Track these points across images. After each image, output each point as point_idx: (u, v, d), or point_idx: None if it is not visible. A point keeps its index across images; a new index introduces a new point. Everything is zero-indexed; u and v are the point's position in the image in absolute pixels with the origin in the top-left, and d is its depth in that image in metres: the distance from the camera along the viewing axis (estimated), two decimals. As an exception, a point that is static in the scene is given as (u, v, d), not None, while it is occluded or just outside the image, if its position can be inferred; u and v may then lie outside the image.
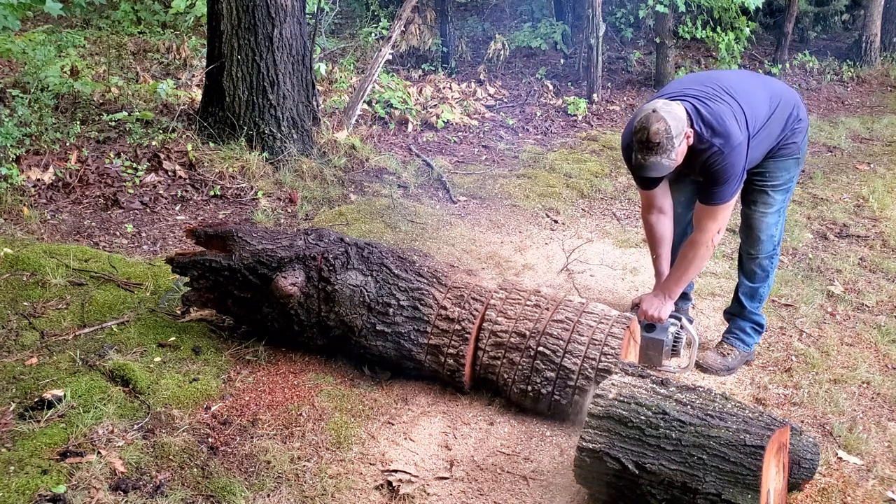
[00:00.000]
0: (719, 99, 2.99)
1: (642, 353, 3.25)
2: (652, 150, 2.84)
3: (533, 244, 4.63)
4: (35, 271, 3.69)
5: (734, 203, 3.07)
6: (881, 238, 4.83)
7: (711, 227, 3.07)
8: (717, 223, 3.06)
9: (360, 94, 6.30)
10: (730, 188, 2.98)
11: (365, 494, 2.58)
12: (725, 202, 3.01)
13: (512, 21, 10.80)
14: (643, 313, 3.21)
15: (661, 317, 3.20)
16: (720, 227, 3.08)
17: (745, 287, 3.40)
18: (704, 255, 3.14)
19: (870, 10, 9.79)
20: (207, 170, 5.09)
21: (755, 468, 2.20)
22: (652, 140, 2.82)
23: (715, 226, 3.06)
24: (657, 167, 2.88)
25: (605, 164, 6.14)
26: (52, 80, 5.68)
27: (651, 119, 2.83)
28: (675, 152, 2.86)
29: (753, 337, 3.43)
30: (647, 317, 3.21)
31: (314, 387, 3.09)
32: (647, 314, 3.21)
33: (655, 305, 3.21)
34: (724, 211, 3.04)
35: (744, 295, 3.41)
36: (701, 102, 2.96)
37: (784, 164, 3.20)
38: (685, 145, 2.91)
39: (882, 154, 6.67)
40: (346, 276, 3.11)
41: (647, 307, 3.22)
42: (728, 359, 3.37)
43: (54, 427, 2.67)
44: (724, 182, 2.96)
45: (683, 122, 2.87)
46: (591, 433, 2.41)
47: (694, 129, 2.92)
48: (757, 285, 3.38)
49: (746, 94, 3.06)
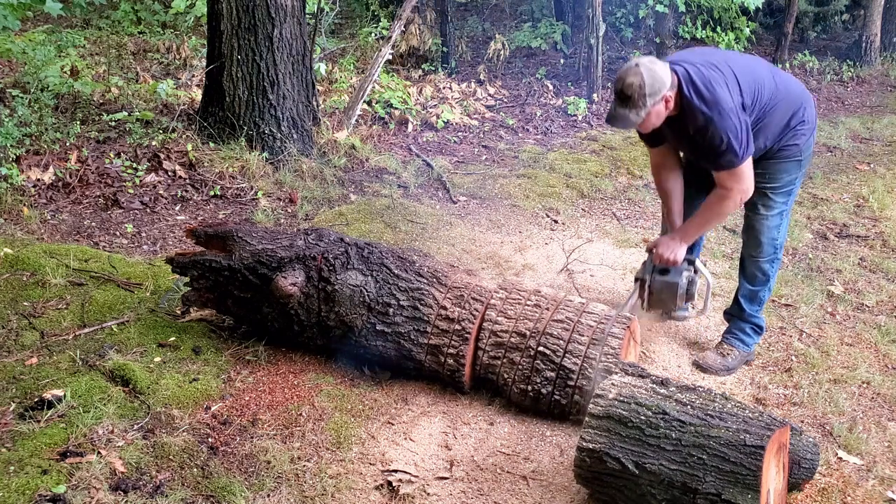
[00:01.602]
0: (715, 68, 2.96)
1: (655, 297, 3.22)
2: (622, 101, 2.85)
3: (533, 244, 4.63)
4: (35, 271, 3.69)
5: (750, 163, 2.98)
6: (881, 238, 4.84)
7: (734, 186, 2.99)
8: (738, 183, 2.98)
9: (360, 94, 6.30)
10: (734, 152, 2.89)
11: (365, 494, 2.58)
12: (736, 166, 2.94)
13: (512, 21, 10.80)
14: (658, 256, 3.18)
15: (676, 259, 3.16)
16: (743, 187, 2.99)
17: (745, 290, 3.38)
18: (729, 209, 3.07)
19: (870, 10, 9.79)
20: (207, 170, 5.09)
21: (755, 468, 2.20)
22: (624, 92, 2.83)
23: (737, 185, 2.98)
24: (623, 120, 2.88)
25: (605, 164, 6.14)
26: (52, 80, 5.68)
27: (630, 72, 2.83)
28: (644, 111, 2.84)
29: (753, 337, 3.42)
30: (663, 260, 3.17)
31: (314, 387, 3.10)
32: (662, 257, 3.17)
33: (671, 248, 3.17)
34: (741, 173, 2.96)
35: (744, 298, 3.39)
36: (695, 69, 2.92)
37: (785, 165, 3.16)
38: (662, 108, 2.88)
39: (882, 154, 6.67)
40: (346, 276, 3.11)
41: (662, 250, 3.17)
42: (728, 359, 3.37)
43: (54, 427, 2.67)
44: (724, 149, 2.89)
45: (663, 84, 2.83)
46: (591, 433, 2.41)
47: (684, 94, 2.89)
48: (757, 288, 3.36)
49: (749, 72, 3.01)
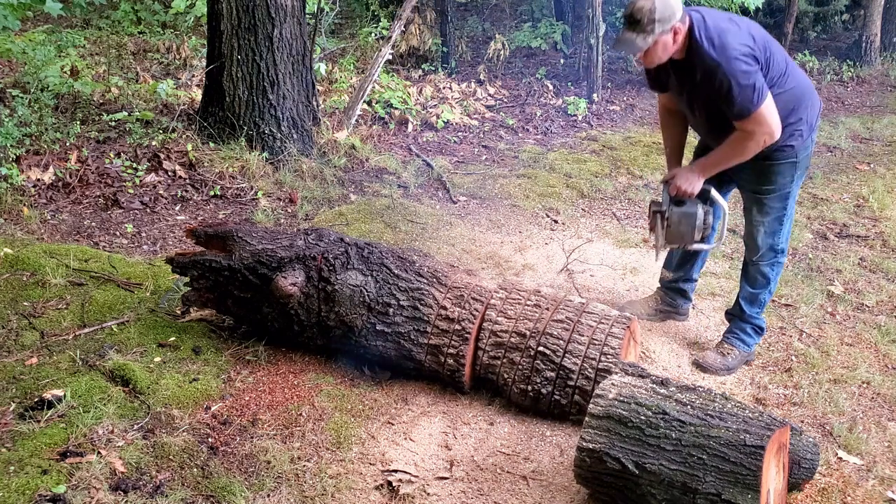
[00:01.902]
0: (732, 22, 2.93)
1: (673, 230, 3.17)
2: (631, 25, 2.83)
3: (533, 244, 4.63)
4: (35, 271, 3.69)
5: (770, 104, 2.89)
6: (881, 238, 4.84)
7: (757, 130, 2.91)
8: (760, 126, 2.89)
9: (360, 94, 6.30)
10: (747, 98, 2.83)
11: (365, 494, 2.58)
12: (752, 111, 2.86)
13: (512, 21, 10.80)
14: (676, 188, 3.12)
15: (693, 191, 3.11)
16: (766, 129, 2.90)
17: (745, 292, 3.37)
18: (751, 149, 2.96)
19: (870, 10, 9.79)
20: (207, 170, 5.09)
21: (755, 468, 2.20)
22: (634, 15, 2.81)
23: (760, 128, 2.90)
24: (629, 44, 2.86)
25: (605, 164, 6.13)
26: (52, 80, 5.68)
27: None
28: (652, 37, 2.82)
29: (754, 338, 3.42)
30: (680, 191, 3.12)
31: (314, 387, 3.10)
32: (679, 188, 3.11)
33: (689, 180, 3.10)
34: (760, 117, 2.87)
35: (744, 300, 3.37)
36: (711, 17, 2.91)
37: (778, 167, 3.09)
38: (669, 40, 2.86)
39: (882, 154, 6.67)
40: (346, 276, 3.11)
41: (680, 181, 3.11)
42: (728, 358, 3.36)
43: (54, 427, 2.67)
44: (737, 95, 2.83)
45: (674, 14, 2.81)
46: (591, 433, 2.41)
47: (693, 37, 2.86)
48: (758, 291, 3.34)
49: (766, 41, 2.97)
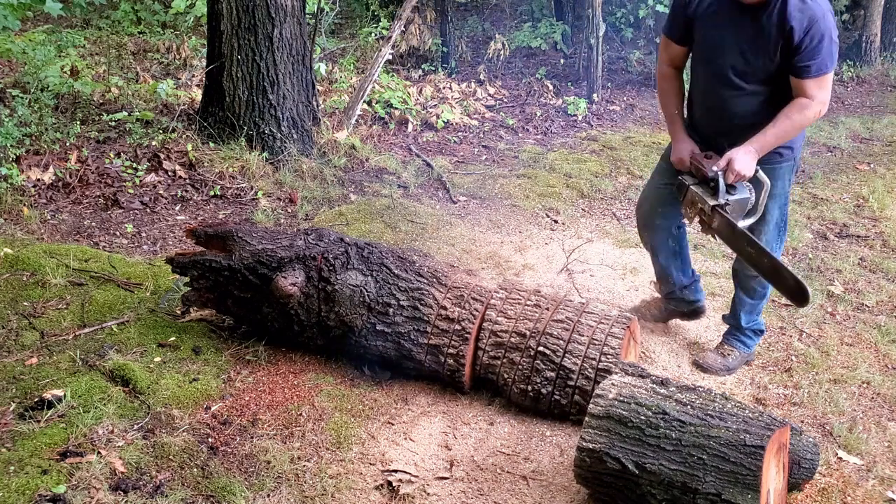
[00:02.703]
0: None
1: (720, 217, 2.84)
2: None
3: (533, 244, 4.63)
4: (35, 271, 3.69)
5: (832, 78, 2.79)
6: (881, 238, 4.84)
7: (817, 95, 2.76)
8: (822, 92, 2.76)
9: (360, 94, 6.30)
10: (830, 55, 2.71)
11: (365, 494, 2.58)
12: (830, 69, 2.73)
13: (512, 21, 10.79)
14: (737, 173, 2.80)
15: (751, 174, 2.84)
16: (826, 98, 2.78)
17: (744, 304, 3.30)
18: (810, 119, 2.82)
19: (870, 10, 9.79)
20: (207, 170, 5.09)
21: (755, 468, 2.20)
22: None
23: (820, 94, 2.76)
24: None
25: (605, 164, 6.14)
26: (52, 80, 5.68)
27: None
28: None
29: (754, 339, 3.41)
30: (741, 176, 2.82)
31: (314, 387, 3.10)
32: (739, 174, 2.81)
33: (748, 165, 2.81)
34: (828, 81, 2.76)
35: (743, 311, 3.32)
36: None
37: (779, 171, 2.99)
38: None
39: (882, 154, 6.67)
40: (346, 276, 3.11)
41: (740, 167, 2.79)
42: (728, 359, 3.35)
43: (54, 427, 2.67)
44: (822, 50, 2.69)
45: None
46: (591, 433, 2.41)
47: None
48: (756, 302, 3.30)
49: None
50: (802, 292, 2.57)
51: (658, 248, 3.42)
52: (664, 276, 3.50)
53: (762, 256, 2.74)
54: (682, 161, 3.03)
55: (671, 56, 3.12)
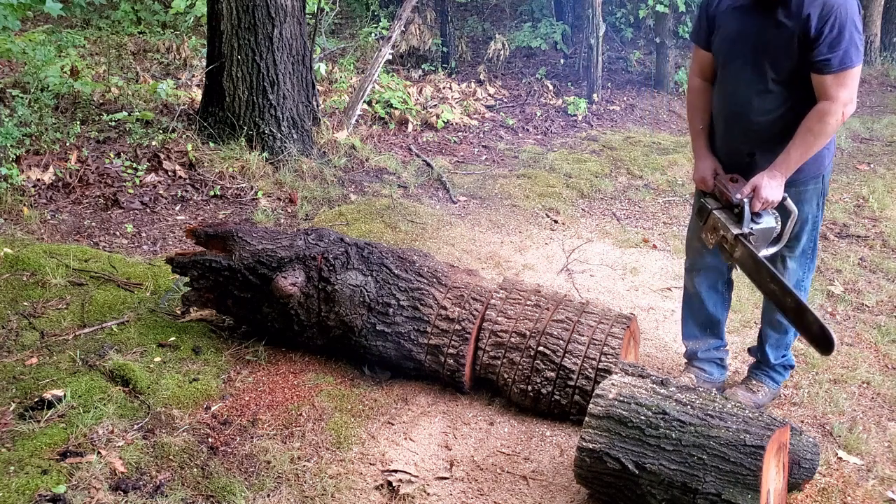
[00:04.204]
0: None
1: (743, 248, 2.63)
2: None
3: (533, 244, 4.63)
4: (35, 271, 3.69)
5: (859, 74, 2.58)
6: (881, 238, 4.84)
7: (840, 95, 2.52)
8: (847, 90, 2.53)
9: (360, 94, 6.30)
10: (856, 46, 2.50)
11: (365, 494, 2.58)
12: (854, 65, 2.51)
13: (512, 21, 10.80)
14: (763, 200, 2.60)
15: (778, 200, 2.63)
16: (851, 96, 2.55)
17: (771, 339, 3.07)
18: (834, 126, 2.58)
19: (870, 10, 9.79)
20: (207, 170, 5.09)
21: (755, 468, 2.20)
22: None
23: (845, 93, 2.52)
24: None
25: (605, 164, 6.13)
26: (52, 80, 5.68)
27: None
28: None
29: (783, 374, 3.15)
30: (768, 203, 2.61)
31: (314, 387, 3.10)
32: (766, 200, 2.60)
33: (775, 189, 2.60)
34: (853, 77, 2.53)
35: (770, 347, 3.08)
36: None
37: (806, 194, 2.78)
38: None
39: (882, 154, 6.67)
40: (346, 276, 3.11)
41: (768, 194, 2.59)
42: (758, 395, 3.08)
43: (54, 427, 2.67)
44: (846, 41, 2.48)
45: None
46: (591, 433, 2.41)
47: None
48: (782, 335, 3.06)
49: None
50: (827, 340, 2.34)
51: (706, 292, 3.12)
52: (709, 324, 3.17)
53: (786, 296, 2.50)
54: (704, 181, 2.83)
55: (700, 65, 2.89)
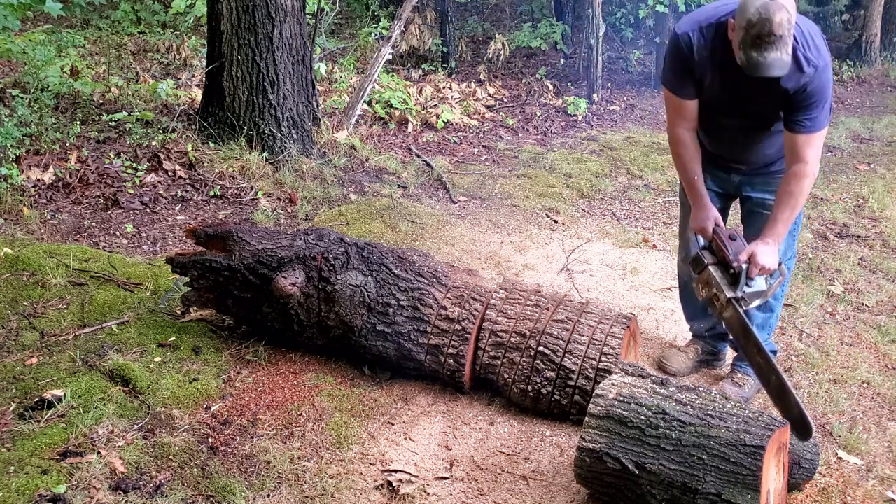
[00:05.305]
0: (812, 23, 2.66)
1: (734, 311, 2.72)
2: (773, 44, 2.41)
3: (533, 244, 4.63)
4: (35, 271, 3.69)
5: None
6: (881, 238, 4.83)
7: (814, 156, 2.67)
8: (816, 150, 2.68)
9: (360, 94, 6.30)
10: (827, 111, 2.66)
11: (365, 494, 2.58)
12: (823, 127, 2.67)
13: (512, 21, 10.80)
14: (761, 268, 2.70)
15: (775, 267, 2.74)
16: (819, 154, 2.69)
17: (756, 319, 3.09)
18: (809, 186, 2.73)
19: (870, 10, 9.80)
20: (207, 170, 5.09)
21: (755, 468, 2.20)
22: (775, 33, 2.39)
23: (817, 154, 2.68)
24: (778, 64, 2.44)
25: (605, 164, 6.14)
26: (52, 80, 5.68)
27: (772, 8, 2.39)
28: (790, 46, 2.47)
29: None
30: (765, 270, 2.71)
31: (314, 387, 3.10)
32: (764, 268, 2.70)
33: (772, 255, 2.71)
34: (822, 139, 2.70)
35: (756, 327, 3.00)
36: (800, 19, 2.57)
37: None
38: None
39: (882, 154, 6.67)
40: (346, 276, 3.11)
41: (765, 261, 2.69)
42: (745, 388, 3.17)
43: (54, 427, 2.67)
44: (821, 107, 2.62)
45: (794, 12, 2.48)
46: (591, 433, 2.41)
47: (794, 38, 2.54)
48: (768, 315, 3.12)
49: None
50: (805, 426, 2.43)
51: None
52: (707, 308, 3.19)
53: (770, 373, 2.59)
54: (703, 231, 2.87)
55: (685, 117, 2.85)
